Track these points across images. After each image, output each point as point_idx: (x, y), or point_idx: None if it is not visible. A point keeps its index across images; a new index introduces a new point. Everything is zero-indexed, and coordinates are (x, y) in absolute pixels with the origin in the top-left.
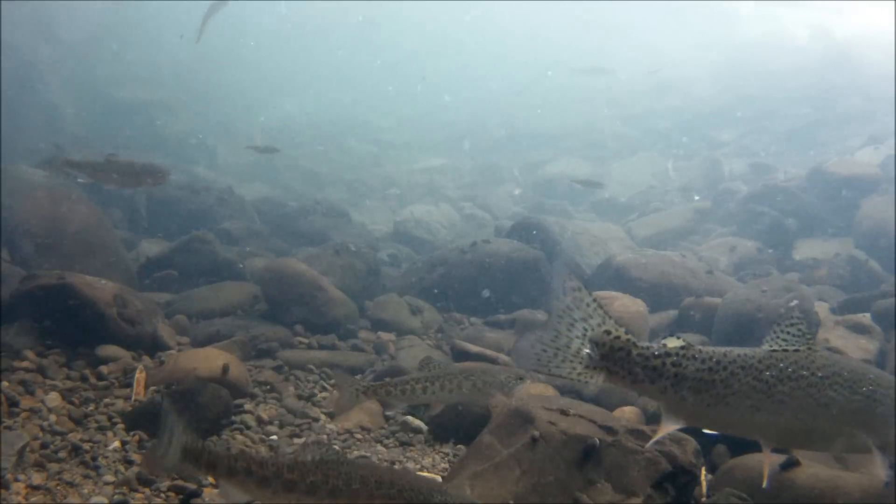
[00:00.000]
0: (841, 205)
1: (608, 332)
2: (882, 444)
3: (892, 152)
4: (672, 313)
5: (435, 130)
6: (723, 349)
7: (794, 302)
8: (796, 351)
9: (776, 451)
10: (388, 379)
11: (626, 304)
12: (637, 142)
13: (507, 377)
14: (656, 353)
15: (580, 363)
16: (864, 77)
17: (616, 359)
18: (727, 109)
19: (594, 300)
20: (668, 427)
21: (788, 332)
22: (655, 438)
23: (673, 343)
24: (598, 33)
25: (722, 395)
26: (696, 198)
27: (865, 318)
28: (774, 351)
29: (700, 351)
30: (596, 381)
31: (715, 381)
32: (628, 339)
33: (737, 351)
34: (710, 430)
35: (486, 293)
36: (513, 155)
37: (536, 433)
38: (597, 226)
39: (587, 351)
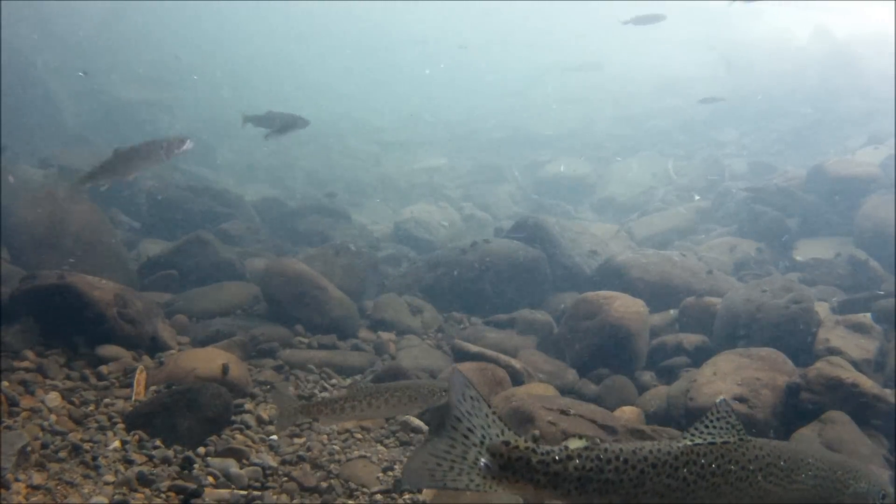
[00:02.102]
0: (841, 205)
1: (507, 443)
2: None
3: (892, 152)
4: (672, 313)
5: (435, 130)
6: (633, 446)
7: (721, 398)
8: (724, 443)
9: None
10: (321, 398)
11: (627, 304)
12: (637, 142)
13: (429, 390)
14: (557, 457)
15: (478, 474)
16: (864, 77)
17: (516, 468)
18: (727, 109)
19: (492, 411)
20: None
21: (715, 426)
22: None
23: (575, 444)
24: (598, 33)
25: (632, 495)
26: (697, 198)
27: (865, 318)
28: (697, 445)
29: (605, 450)
30: (497, 490)
31: (623, 480)
32: (527, 447)
33: (649, 447)
34: None
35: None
36: (513, 155)
37: (537, 433)
38: (597, 226)
39: (484, 461)
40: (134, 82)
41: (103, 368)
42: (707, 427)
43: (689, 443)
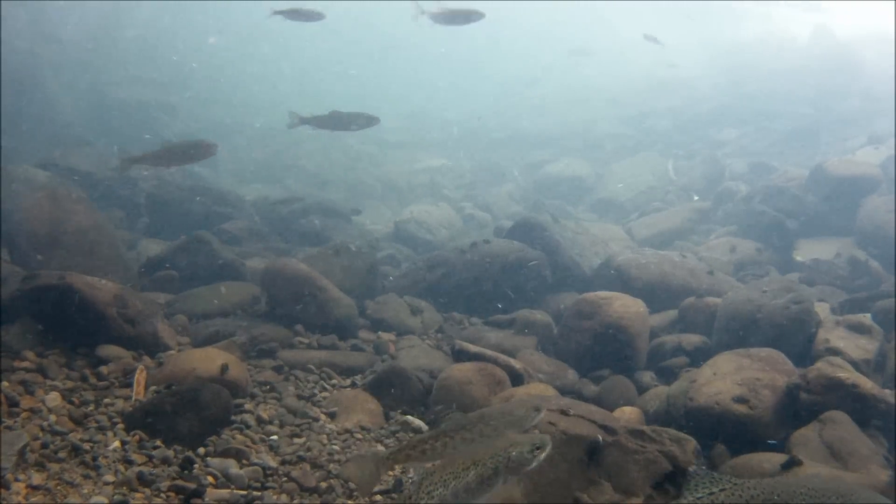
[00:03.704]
0: (841, 205)
1: None
2: None
3: (892, 152)
4: (672, 313)
5: (435, 130)
6: None
7: (692, 468)
8: (722, 490)
9: (777, 449)
10: (408, 439)
11: (627, 304)
12: (637, 142)
13: (525, 412)
14: None
15: None
16: (864, 77)
17: None
18: (727, 109)
19: None
20: None
21: (703, 481)
22: None
23: None
24: (598, 33)
25: None
26: (696, 198)
27: (866, 318)
28: (699, 498)
29: None
30: None
31: None
32: None
33: None
34: None
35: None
36: (513, 155)
37: (536, 432)
38: (597, 226)
39: None
40: (134, 83)
41: (103, 368)
42: (698, 483)
43: (692, 498)
